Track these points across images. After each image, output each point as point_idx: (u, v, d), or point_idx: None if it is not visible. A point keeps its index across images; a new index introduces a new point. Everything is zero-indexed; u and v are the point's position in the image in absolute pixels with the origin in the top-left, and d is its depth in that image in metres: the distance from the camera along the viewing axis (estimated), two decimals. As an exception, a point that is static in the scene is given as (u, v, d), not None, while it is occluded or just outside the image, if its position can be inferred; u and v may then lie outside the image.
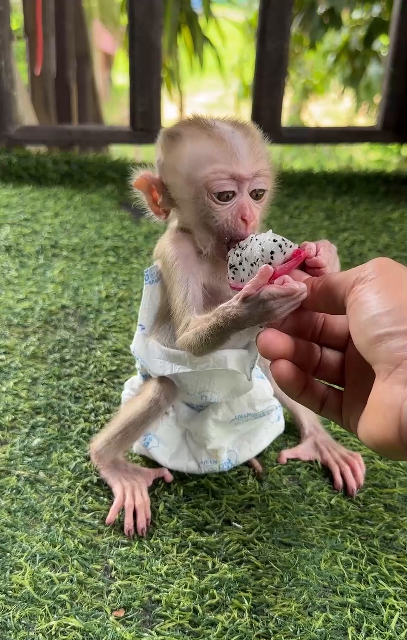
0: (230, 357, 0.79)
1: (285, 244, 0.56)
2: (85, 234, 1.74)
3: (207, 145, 0.70)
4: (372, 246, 1.75)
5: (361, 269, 0.47)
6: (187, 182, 0.72)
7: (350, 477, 0.91)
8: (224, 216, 0.71)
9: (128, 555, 0.79)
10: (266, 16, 2.12)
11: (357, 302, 0.45)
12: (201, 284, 0.77)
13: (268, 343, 0.50)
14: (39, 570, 0.76)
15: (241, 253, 0.58)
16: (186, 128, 0.73)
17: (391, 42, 2.27)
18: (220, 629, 0.70)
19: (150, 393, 0.85)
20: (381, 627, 0.71)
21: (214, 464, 0.90)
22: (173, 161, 0.73)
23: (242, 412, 0.88)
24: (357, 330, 0.44)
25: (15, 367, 1.15)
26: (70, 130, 2.34)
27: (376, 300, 0.44)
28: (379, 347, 0.42)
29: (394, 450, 0.41)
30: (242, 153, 0.70)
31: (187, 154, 0.72)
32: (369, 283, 0.45)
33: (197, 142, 0.71)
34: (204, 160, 0.70)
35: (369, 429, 0.43)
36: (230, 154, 0.69)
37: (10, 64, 2.20)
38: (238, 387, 0.84)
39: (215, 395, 0.84)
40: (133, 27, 2.10)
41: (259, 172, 0.70)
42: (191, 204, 0.73)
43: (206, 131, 0.71)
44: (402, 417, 0.40)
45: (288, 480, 0.93)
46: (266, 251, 0.55)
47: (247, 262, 0.57)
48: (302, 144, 3.63)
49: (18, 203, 1.94)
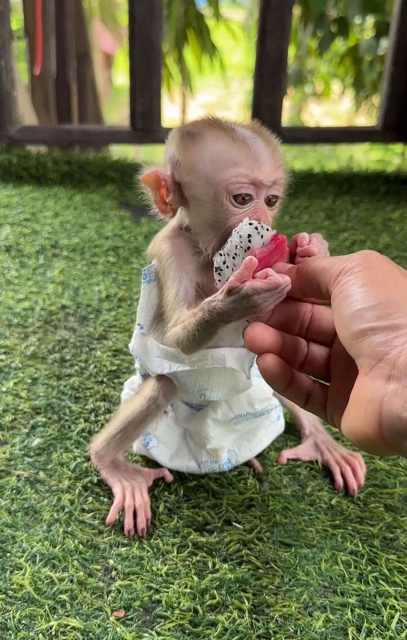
0: (229, 356, 0.79)
1: (261, 227, 0.56)
2: (86, 234, 1.74)
3: (230, 148, 0.70)
4: (372, 246, 1.75)
5: (346, 259, 0.47)
6: (206, 182, 0.71)
7: (350, 477, 0.91)
8: (238, 219, 0.71)
9: (128, 555, 0.79)
10: (266, 16, 2.12)
11: (342, 295, 0.45)
12: (195, 282, 0.77)
13: (255, 337, 0.50)
14: (39, 570, 0.76)
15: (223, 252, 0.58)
16: (208, 129, 0.72)
17: (391, 42, 2.27)
18: (220, 629, 0.70)
19: (149, 392, 0.85)
20: (382, 627, 0.71)
21: (214, 464, 0.90)
22: (192, 160, 0.73)
23: (241, 411, 0.88)
24: (341, 324, 0.44)
25: (15, 367, 1.15)
26: (71, 130, 2.34)
27: (360, 294, 0.44)
28: (362, 341, 0.42)
29: (374, 445, 0.41)
30: (264, 159, 0.70)
31: (209, 154, 0.71)
32: (355, 276, 0.45)
33: (219, 144, 0.71)
34: (226, 162, 0.70)
35: (351, 424, 0.43)
36: (253, 158, 0.70)
37: (11, 64, 2.20)
38: (237, 386, 0.84)
39: (214, 394, 0.84)
40: (133, 27, 2.10)
41: (277, 179, 0.71)
42: (207, 205, 0.72)
43: (229, 134, 0.71)
44: (382, 412, 0.40)
45: (288, 480, 0.93)
46: (243, 236, 0.55)
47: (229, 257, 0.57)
48: (302, 144, 3.63)
49: (18, 203, 1.94)
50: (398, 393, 0.39)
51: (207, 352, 0.78)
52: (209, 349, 0.79)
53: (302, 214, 1.98)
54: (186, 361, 0.80)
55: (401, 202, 2.13)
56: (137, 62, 2.14)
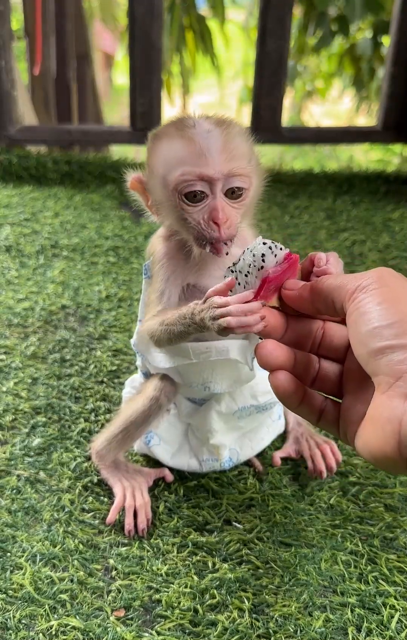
0: (232, 347, 0.79)
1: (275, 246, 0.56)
2: (86, 234, 1.74)
3: (178, 147, 0.70)
4: (372, 246, 1.75)
5: (361, 277, 0.47)
6: (161, 185, 0.72)
7: (319, 461, 0.92)
8: (197, 218, 0.70)
9: (128, 555, 0.79)
10: (266, 16, 2.12)
11: (358, 312, 0.45)
12: (183, 284, 0.79)
13: (267, 354, 0.50)
14: (39, 570, 0.76)
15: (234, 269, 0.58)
16: (166, 128, 0.73)
17: (391, 42, 2.27)
18: (220, 629, 0.70)
19: (150, 391, 0.85)
20: (382, 627, 0.71)
21: (215, 462, 0.90)
22: (151, 164, 0.74)
23: (245, 403, 0.88)
24: (357, 341, 0.44)
25: (15, 367, 1.15)
26: (71, 130, 2.34)
27: (377, 312, 0.44)
28: (380, 359, 0.42)
29: (392, 464, 0.41)
30: (212, 153, 0.69)
31: (162, 156, 0.72)
32: (371, 293, 0.45)
33: (170, 144, 0.71)
34: (174, 162, 0.70)
35: (368, 442, 0.43)
36: (198, 155, 0.69)
37: (11, 64, 2.20)
38: (240, 377, 0.84)
39: (218, 386, 0.84)
40: (133, 27, 2.10)
41: (232, 170, 0.69)
42: (167, 206, 0.73)
43: (180, 132, 0.70)
44: (401, 431, 0.40)
45: (288, 480, 0.93)
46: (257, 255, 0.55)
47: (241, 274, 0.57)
48: (302, 144, 3.63)
49: (18, 203, 1.94)
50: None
51: (211, 345, 0.79)
52: (212, 342, 0.79)
53: (302, 214, 1.98)
54: (190, 354, 0.80)
55: (401, 202, 2.13)
56: (137, 62, 2.14)
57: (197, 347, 0.80)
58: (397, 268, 1.61)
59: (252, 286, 0.55)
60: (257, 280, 0.55)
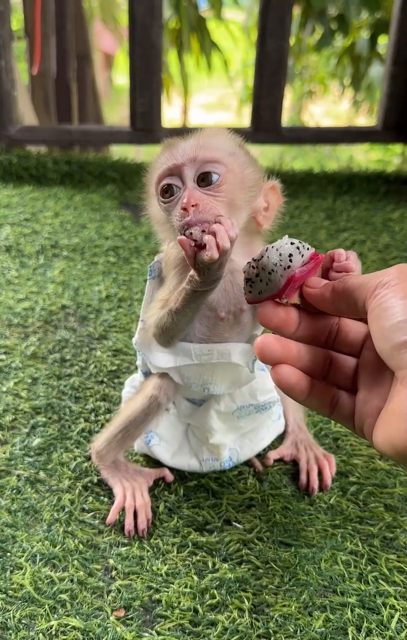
0: (234, 350, 0.80)
1: (302, 246, 0.55)
2: (86, 234, 1.74)
3: (160, 155, 0.73)
4: (372, 246, 1.75)
5: (383, 274, 0.47)
6: (149, 197, 0.75)
7: (314, 478, 0.91)
8: (174, 212, 0.70)
9: (128, 555, 0.79)
10: (266, 16, 2.12)
11: (381, 307, 0.45)
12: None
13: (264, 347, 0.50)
14: (39, 570, 0.76)
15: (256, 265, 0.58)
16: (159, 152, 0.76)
17: (391, 42, 2.27)
18: (220, 629, 0.70)
19: (150, 390, 0.85)
20: (381, 627, 0.71)
21: (215, 462, 0.90)
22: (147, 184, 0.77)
23: (244, 402, 0.88)
24: (380, 336, 0.44)
25: (15, 367, 1.15)
26: (71, 130, 2.34)
27: (401, 306, 0.44)
28: (404, 354, 0.42)
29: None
30: (181, 147, 0.71)
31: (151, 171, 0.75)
32: (393, 288, 0.45)
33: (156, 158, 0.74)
34: (156, 168, 0.73)
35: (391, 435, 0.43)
36: (171, 154, 0.71)
37: (11, 64, 2.20)
38: (240, 379, 0.85)
39: (217, 388, 0.84)
40: (133, 27, 2.10)
41: (198, 157, 0.70)
42: (155, 213, 0.76)
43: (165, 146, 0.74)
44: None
45: (288, 480, 0.93)
46: (284, 255, 0.55)
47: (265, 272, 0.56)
48: (302, 144, 3.63)
49: (18, 203, 1.94)
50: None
51: (213, 347, 0.79)
52: (215, 344, 0.79)
53: (302, 214, 1.98)
54: (192, 355, 0.80)
55: (401, 202, 2.13)
56: (137, 62, 2.14)
57: (199, 348, 0.80)
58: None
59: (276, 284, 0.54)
60: (283, 279, 0.54)
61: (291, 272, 0.54)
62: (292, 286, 0.54)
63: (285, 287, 0.54)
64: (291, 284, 0.54)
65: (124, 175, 2.13)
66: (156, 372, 0.87)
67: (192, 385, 0.85)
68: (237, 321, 0.79)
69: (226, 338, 0.80)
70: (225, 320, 0.79)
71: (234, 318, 0.79)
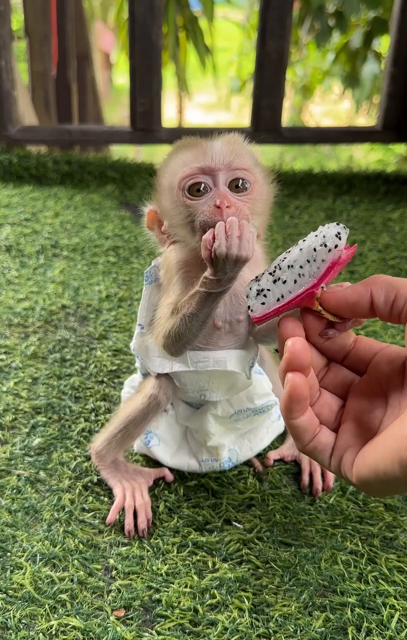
0: (230, 358, 0.79)
1: (343, 228, 0.52)
2: (86, 234, 1.74)
3: (183, 154, 0.73)
4: (372, 246, 1.75)
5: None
6: (168, 191, 0.74)
7: (317, 478, 0.91)
8: (202, 209, 0.71)
9: (128, 555, 0.79)
10: (266, 16, 2.12)
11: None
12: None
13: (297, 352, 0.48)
14: (39, 570, 0.76)
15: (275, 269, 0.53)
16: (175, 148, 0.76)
17: (391, 42, 2.27)
18: (220, 629, 0.70)
19: (149, 389, 0.85)
20: (381, 626, 0.71)
21: (215, 462, 0.90)
22: (160, 179, 0.76)
23: (241, 406, 0.88)
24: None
25: (15, 367, 1.15)
26: (71, 130, 2.34)
27: None
28: None
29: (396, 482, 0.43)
30: (214, 149, 0.71)
31: (169, 167, 0.74)
32: None
33: (179, 155, 0.74)
34: (180, 166, 0.72)
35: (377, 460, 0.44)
36: (202, 152, 0.71)
37: (11, 64, 2.20)
38: (236, 385, 0.84)
39: (214, 395, 0.84)
40: (133, 27, 2.10)
41: (233, 163, 0.71)
42: (173, 211, 0.74)
43: (190, 146, 0.73)
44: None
45: (288, 480, 0.93)
46: (329, 236, 0.51)
47: (291, 270, 0.52)
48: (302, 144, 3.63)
49: (18, 203, 1.94)
50: None
51: (209, 355, 0.79)
52: (210, 352, 0.79)
53: (302, 214, 1.98)
54: (188, 362, 0.80)
55: (401, 202, 2.13)
56: (137, 62, 2.14)
57: (195, 355, 0.80)
58: (397, 268, 1.61)
59: (310, 276, 0.51)
60: (325, 264, 0.50)
61: (336, 254, 0.50)
62: (336, 270, 0.51)
63: (329, 271, 0.50)
64: (337, 266, 0.50)
65: (124, 175, 2.13)
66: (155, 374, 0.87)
67: (188, 391, 0.85)
68: (233, 330, 0.79)
69: (221, 347, 0.80)
70: (221, 330, 0.79)
71: (229, 327, 0.79)
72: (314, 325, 0.52)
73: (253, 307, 0.54)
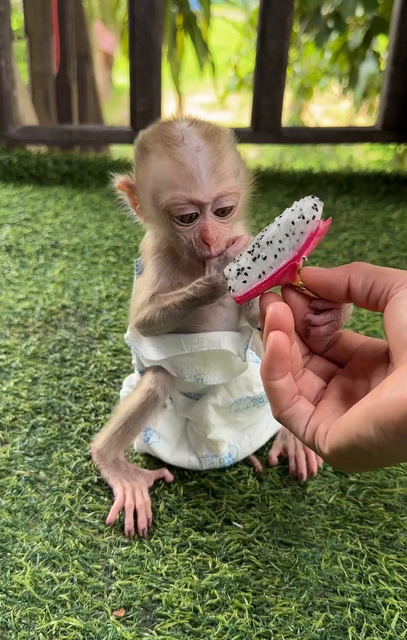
0: (223, 338, 0.80)
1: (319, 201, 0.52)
2: (86, 234, 1.75)
3: (169, 169, 0.70)
4: (372, 246, 1.75)
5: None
6: (152, 204, 0.74)
7: (302, 463, 0.93)
8: (188, 237, 0.72)
9: (128, 555, 0.79)
10: (266, 16, 2.12)
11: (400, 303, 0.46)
12: (173, 283, 0.79)
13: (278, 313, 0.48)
14: (39, 570, 0.76)
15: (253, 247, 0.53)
16: (156, 144, 0.72)
17: (391, 42, 2.27)
18: (220, 629, 0.70)
19: (146, 384, 0.86)
20: (381, 626, 0.71)
21: (215, 458, 0.91)
22: (142, 178, 0.75)
23: (241, 395, 0.88)
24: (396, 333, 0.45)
25: (15, 367, 1.15)
26: (71, 130, 2.34)
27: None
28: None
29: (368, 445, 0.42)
30: (202, 177, 0.69)
31: (152, 174, 0.73)
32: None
33: (160, 163, 0.71)
34: (165, 185, 0.71)
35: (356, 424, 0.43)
36: (190, 179, 0.69)
37: (11, 64, 2.20)
38: (233, 368, 0.85)
39: (211, 378, 0.84)
40: (133, 27, 2.10)
41: (221, 193, 0.70)
42: (158, 223, 0.75)
43: (170, 150, 0.70)
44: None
45: (288, 479, 0.94)
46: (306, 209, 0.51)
47: (269, 246, 0.52)
48: (302, 144, 3.63)
49: (18, 203, 1.94)
50: None
51: (203, 336, 0.81)
52: (204, 333, 0.80)
53: (302, 213, 1.98)
54: (183, 345, 0.81)
55: (401, 202, 2.13)
56: (137, 62, 2.14)
57: (189, 338, 0.80)
58: (397, 268, 1.61)
59: (291, 248, 0.51)
60: (304, 236, 0.50)
61: (314, 226, 0.50)
62: (315, 242, 0.51)
63: (308, 242, 0.50)
64: (316, 237, 0.51)
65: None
66: (150, 366, 0.87)
67: (185, 376, 0.85)
68: (221, 303, 0.80)
69: (212, 324, 0.81)
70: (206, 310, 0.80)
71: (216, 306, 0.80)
72: (297, 303, 0.52)
73: (234, 287, 0.54)
